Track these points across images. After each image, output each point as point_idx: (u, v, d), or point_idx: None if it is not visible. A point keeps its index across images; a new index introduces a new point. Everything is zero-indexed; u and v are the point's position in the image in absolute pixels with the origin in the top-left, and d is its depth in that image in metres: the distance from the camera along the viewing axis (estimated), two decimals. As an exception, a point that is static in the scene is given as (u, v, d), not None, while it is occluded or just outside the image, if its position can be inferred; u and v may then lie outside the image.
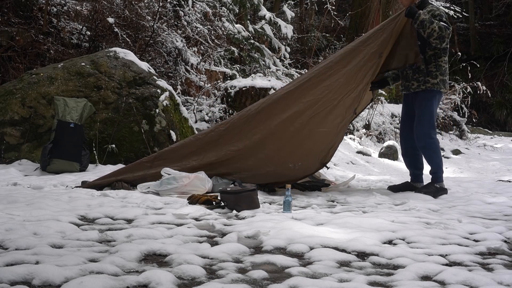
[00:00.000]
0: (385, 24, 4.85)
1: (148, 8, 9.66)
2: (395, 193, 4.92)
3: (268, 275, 2.10)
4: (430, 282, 2.05)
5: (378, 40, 4.71)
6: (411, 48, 4.69)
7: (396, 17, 4.80)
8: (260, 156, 4.63)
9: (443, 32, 4.51)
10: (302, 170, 4.72)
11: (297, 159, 4.64)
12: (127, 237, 2.66)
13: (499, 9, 21.84)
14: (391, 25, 4.74)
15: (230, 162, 4.63)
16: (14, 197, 3.71)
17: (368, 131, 11.04)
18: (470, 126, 14.72)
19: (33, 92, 6.15)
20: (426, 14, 4.56)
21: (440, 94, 4.86)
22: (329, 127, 4.68)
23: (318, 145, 4.70)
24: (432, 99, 4.79)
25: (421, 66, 4.74)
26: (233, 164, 4.61)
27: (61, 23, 8.89)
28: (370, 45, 4.72)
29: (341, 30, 15.06)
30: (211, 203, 3.83)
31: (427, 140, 4.77)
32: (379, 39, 4.71)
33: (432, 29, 4.51)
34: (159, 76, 7.51)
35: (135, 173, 4.65)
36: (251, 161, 4.61)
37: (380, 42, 4.69)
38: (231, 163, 4.62)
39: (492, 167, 9.77)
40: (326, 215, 3.51)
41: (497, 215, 3.88)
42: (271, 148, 4.65)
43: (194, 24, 9.99)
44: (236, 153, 4.62)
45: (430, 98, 4.77)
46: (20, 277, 1.91)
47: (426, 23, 4.53)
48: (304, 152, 4.68)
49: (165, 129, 6.50)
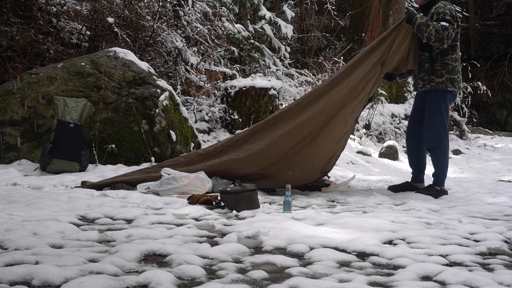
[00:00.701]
0: (388, 33, 4.84)
1: (148, 8, 9.66)
2: (395, 193, 4.92)
3: (268, 275, 2.10)
4: (430, 283, 2.04)
5: (381, 49, 4.71)
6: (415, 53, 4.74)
7: (398, 24, 4.79)
8: (260, 165, 4.63)
9: (440, 34, 4.44)
10: (301, 178, 4.74)
11: (297, 168, 4.66)
12: (127, 237, 2.66)
13: (500, 9, 21.83)
14: (394, 33, 4.73)
15: (231, 171, 4.63)
16: (13, 197, 3.71)
17: (368, 131, 11.03)
18: (471, 126, 14.72)
19: (33, 92, 6.15)
20: (422, 18, 4.50)
21: (451, 93, 4.74)
22: (330, 136, 4.70)
23: (318, 154, 4.72)
24: (440, 100, 4.70)
25: (425, 64, 4.73)
26: (234, 172, 4.61)
27: (61, 23, 8.89)
28: (373, 54, 4.72)
29: (341, 30, 15.06)
30: (211, 203, 3.82)
31: (435, 142, 4.72)
32: (382, 48, 4.71)
33: (429, 33, 4.46)
34: (159, 76, 7.51)
35: (137, 176, 4.67)
36: (249, 169, 4.61)
37: (383, 50, 4.68)
38: (232, 171, 4.62)
39: (492, 167, 9.77)
40: (326, 215, 3.51)
41: (497, 215, 3.87)
42: (272, 156, 4.64)
43: (194, 24, 9.98)
44: (238, 163, 4.62)
45: (438, 99, 4.69)
46: (19, 277, 1.91)
47: (422, 27, 4.49)
48: (305, 161, 4.69)
49: (165, 129, 6.49)
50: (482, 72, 18.08)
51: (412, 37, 4.70)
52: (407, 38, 4.71)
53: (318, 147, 4.70)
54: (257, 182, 4.39)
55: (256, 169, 4.60)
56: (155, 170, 4.67)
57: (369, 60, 4.70)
